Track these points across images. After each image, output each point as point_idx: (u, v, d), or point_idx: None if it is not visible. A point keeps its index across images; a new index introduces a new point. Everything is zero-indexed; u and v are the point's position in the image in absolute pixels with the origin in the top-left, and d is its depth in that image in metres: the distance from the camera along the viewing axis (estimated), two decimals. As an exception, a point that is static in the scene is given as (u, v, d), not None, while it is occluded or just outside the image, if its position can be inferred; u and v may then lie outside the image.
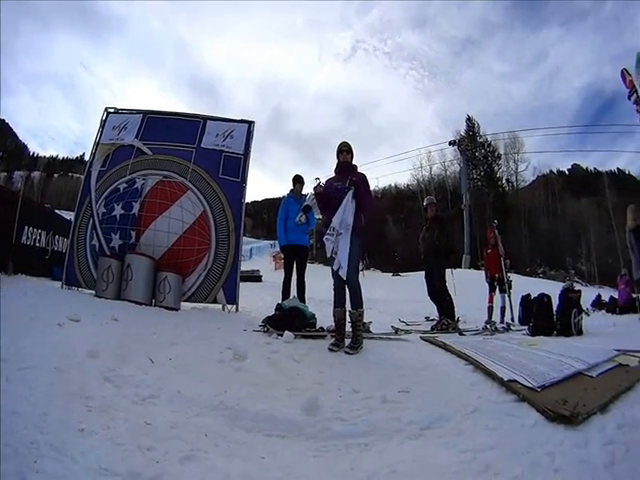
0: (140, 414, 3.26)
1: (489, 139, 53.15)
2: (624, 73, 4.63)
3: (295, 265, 8.56)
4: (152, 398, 3.57)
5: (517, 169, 53.48)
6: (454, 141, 46.02)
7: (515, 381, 3.89)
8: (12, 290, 7.11)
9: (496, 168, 53.87)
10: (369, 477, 2.68)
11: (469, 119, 55.60)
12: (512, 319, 10.05)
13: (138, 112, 10.28)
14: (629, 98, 4.53)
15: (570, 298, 7.95)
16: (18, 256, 10.16)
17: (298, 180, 8.97)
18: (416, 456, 2.89)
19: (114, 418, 3.12)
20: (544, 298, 8.09)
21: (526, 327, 8.07)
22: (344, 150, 6.07)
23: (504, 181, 54.17)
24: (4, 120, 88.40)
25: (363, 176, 6.00)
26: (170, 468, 2.64)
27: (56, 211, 15.58)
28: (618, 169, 54.54)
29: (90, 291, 8.44)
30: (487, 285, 11.03)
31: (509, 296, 10.54)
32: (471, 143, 52.84)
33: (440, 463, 2.77)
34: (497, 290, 10.83)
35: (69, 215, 11.79)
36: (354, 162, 6.17)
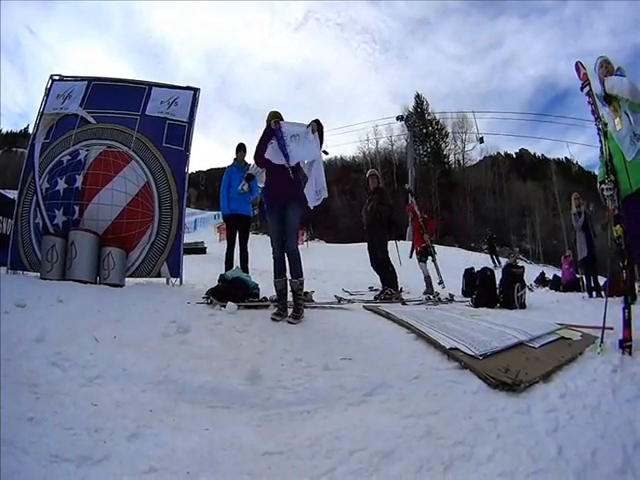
0: (87, 396, 3.32)
1: (437, 117, 53.67)
2: (579, 66, 4.77)
3: (238, 235, 8.68)
4: (98, 378, 3.61)
5: (464, 148, 54.31)
6: (402, 116, 45.99)
7: (457, 349, 4.11)
8: None
9: (443, 145, 54.75)
10: (312, 443, 2.83)
11: (418, 96, 55.98)
12: (440, 282, 10.24)
13: (83, 79, 9.89)
14: (582, 89, 4.70)
15: (513, 273, 8.19)
16: None
17: (241, 148, 9.03)
18: (359, 422, 3.06)
19: (62, 403, 3.17)
20: (487, 271, 8.37)
21: (469, 299, 8.31)
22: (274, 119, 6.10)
23: (451, 158, 54.76)
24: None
25: None
26: (117, 447, 2.74)
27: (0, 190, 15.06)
28: (566, 158, 55.47)
29: (35, 274, 8.28)
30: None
31: (433, 261, 10.58)
32: (419, 120, 53.26)
33: (383, 428, 2.94)
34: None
35: (14, 194, 11.48)
36: None
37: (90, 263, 7.90)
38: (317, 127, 5.98)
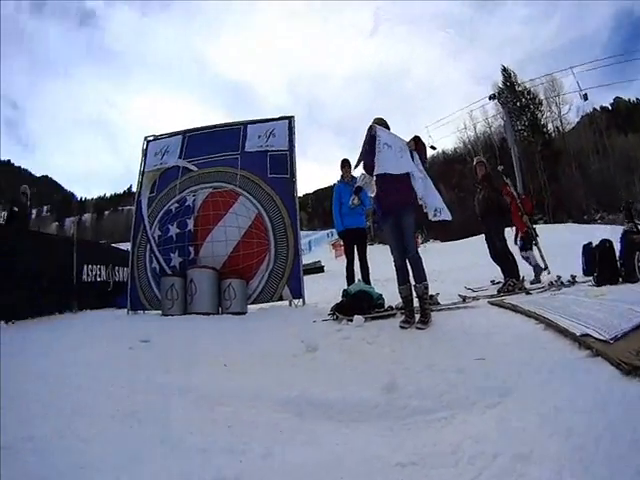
0: (220, 418, 3.30)
1: (528, 86, 51.28)
2: None
3: (356, 248, 8.54)
4: (230, 401, 3.59)
5: (560, 112, 51.23)
6: (494, 95, 44.12)
7: (588, 335, 3.74)
8: (80, 325, 7.51)
9: (539, 115, 51.87)
10: (454, 450, 2.63)
11: (504, 69, 53.39)
12: (545, 268, 9.55)
13: (177, 134, 10.44)
14: None
15: (632, 240, 7.42)
16: (81, 293, 10.50)
17: (346, 164, 8.87)
18: (498, 424, 2.83)
19: (194, 427, 3.16)
20: (606, 244, 7.63)
21: (591, 277, 7.65)
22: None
23: (549, 127, 52.21)
24: (47, 176, 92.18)
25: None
26: (250, 466, 2.65)
27: (112, 245, 16.04)
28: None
29: (157, 311, 8.68)
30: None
31: (536, 245, 9.87)
32: (511, 94, 51.04)
33: (522, 429, 2.68)
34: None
35: (125, 246, 12.11)
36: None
37: (211, 296, 8.19)
38: (415, 145, 5.80)
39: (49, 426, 3.02)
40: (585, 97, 36.95)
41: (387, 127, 5.98)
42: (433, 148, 41.55)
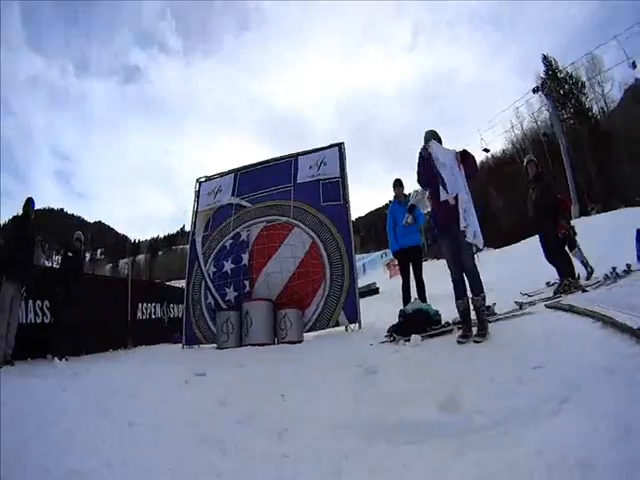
0: (277, 448, 3.27)
1: (569, 70, 49.77)
2: None
3: (412, 266, 8.48)
4: (288, 431, 3.56)
5: (604, 92, 49.58)
6: (537, 87, 42.88)
7: (645, 327, 3.65)
8: (134, 360, 7.80)
9: (583, 99, 50.37)
10: (510, 466, 2.54)
11: (545, 58, 52.27)
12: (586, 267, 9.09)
13: (229, 172, 10.92)
14: None
15: None
16: (136, 331, 10.98)
17: (398, 184, 8.92)
18: (557, 433, 2.72)
19: (251, 458, 3.14)
20: None
21: None
22: (429, 139, 5.91)
23: (594, 109, 50.51)
24: (101, 221, 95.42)
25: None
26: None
27: (167, 283, 16.47)
28: None
29: (211, 345, 8.90)
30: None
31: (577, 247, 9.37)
32: (554, 82, 49.72)
33: (581, 435, 2.58)
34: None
35: (180, 283, 12.41)
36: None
37: (266, 327, 8.35)
38: (462, 158, 5.76)
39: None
40: (634, 65, 35.76)
41: (439, 139, 5.97)
42: (487, 151, 41.30)
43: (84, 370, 6.47)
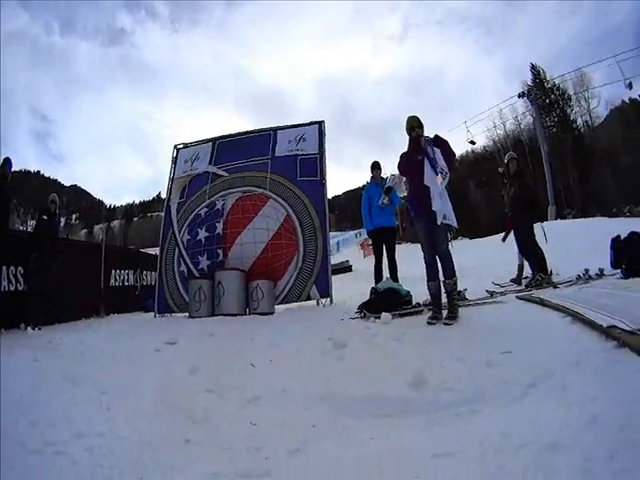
0: (245, 417, 3.31)
1: (557, 82, 50.46)
2: None
3: (385, 247, 8.54)
4: (257, 400, 3.62)
5: (589, 107, 50.43)
6: (523, 92, 43.44)
7: (614, 327, 3.69)
8: (106, 329, 7.67)
9: (569, 110, 51.06)
10: (481, 442, 2.60)
11: (533, 67, 52.68)
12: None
13: (207, 141, 10.75)
14: None
15: None
16: (109, 298, 10.85)
17: (377, 166, 9.00)
18: (524, 416, 2.79)
19: (219, 425, 3.19)
20: (634, 236, 7.60)
21: (619, 270, 7.56)
22: (415, 126, 5.97)
23: (579, 122, 51.22)
24: (76, 185, 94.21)
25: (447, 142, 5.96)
26: (279, 463, 2.68)
27: (141, 250, 16.34)
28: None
29: (184, 314, 8.82)
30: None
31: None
32: (540, 90, 50.39)
33: (548, 420, 2.64)
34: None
35: (154, 251, 12.30)
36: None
37: (238, 297, 8.27)
38: (436, 143, 5.83)
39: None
40: (630, 85, 35.82)
41: (421, 124, 5.99)
42: (473, 143, 41.64)
43: (57, 339, 6.39)
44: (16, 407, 3.35)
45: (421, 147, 5.78)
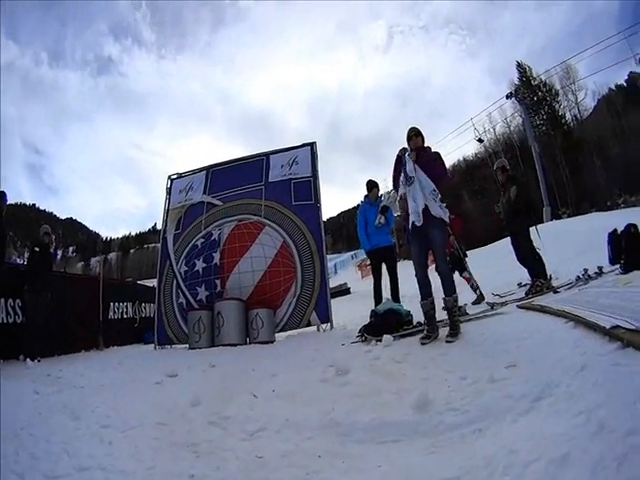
0: (250, 450, 3.27)
1: (543, 78, 50.23)
2: None
3: (385, 267, 8.48)
4: (260, 432, 3.57)
5: (577, 100, 50.13)
6: (511, 93, 43.14)
7: (618, 327, 3.67)
8: (106, 362, 7.57)
9: (557, 106, 50.81)
10: (488, 462, 2.57)
11: (519, 65, 52.64)
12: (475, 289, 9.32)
13: (201, 170, 10.85)
14: None
15: None
16: (108, 331, 10.78)
17: (371, 185, 8.86)
18: (531, 431, 2.76)
19: (224, 458, 3.15)
20: (631, 229, 7.54)
21: (617, 266, 7.55)
22: (412, 135, 5.94)
23: (567, 116, 51.02)
24: (72, 218, 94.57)
25: (436, 152, 5.97)
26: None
27: (138, 282, 16.36)
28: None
29: (184, 345, 8.83)
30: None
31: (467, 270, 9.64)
32: (527, 89, 50.34)
33: (555, 433, 2.61)
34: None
35: (152, 282, 12.31)
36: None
37: (238, 327, 8.28)
38: (416, 157, 5.80)
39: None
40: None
41: (418, 134, 5.97)
42: (480, 141, 41.84)
43: (57, 372, 6.39)
44: (16, 440, 3.36)
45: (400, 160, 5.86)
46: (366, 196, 8.90)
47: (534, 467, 2.38)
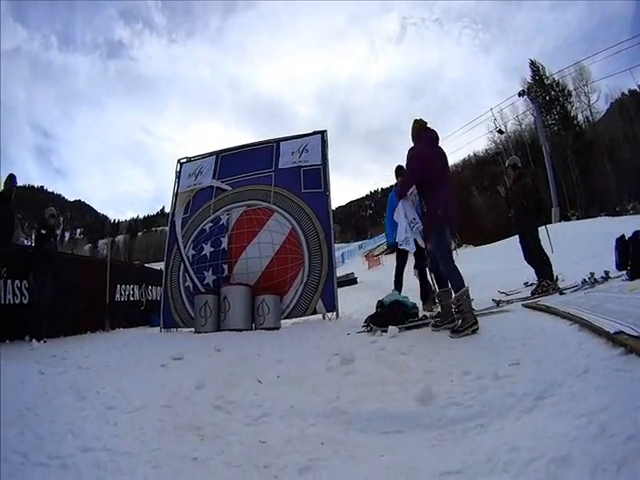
0: (254, 434, 3.28)
1: (556, 78, 49.75)
2: None
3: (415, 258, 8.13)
4: (264, 417, 3.58)
5: (590, 101, 49.66)
6: (523, 91, 42.54)
7: (621, 332, 3.67)
8: (112, 343, 7.61)
9: (569, 107, 50.38)
10: (489, 457, 2.59)
11: (532, 63, 52.15)
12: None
13: (210, 155, 10.81)
14: None
15: None
16: (114, 313, 10.89)
17: (401, 171, 8.02)
18: (533, 429, 2.79)
19: (228, 442, 3.16)
20: (639, 235, 7.49)
21: (624, 272, 7.49)
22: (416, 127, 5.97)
23: (579, 118, 50.48)
24: (80, 200, 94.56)
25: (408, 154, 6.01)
26: (288, 481, 2.64)
27: (146, 265, 16.39)
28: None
29: (189, 329, 8.87)
30: None
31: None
32: (540, 88, 49.84)
33: (557, 433, 2.64)
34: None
35: (159, 265, 12.31)
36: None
37: (244, 312, 8.30)
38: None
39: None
40: None
41: (427, 128, 5.94)
42: (501, 132, 41.72)
43: (62, 353, 6.44)
44: (22, 419, 3.41)
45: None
46: (396, 184, 8.60)
47: (535, 465, 2.40)
